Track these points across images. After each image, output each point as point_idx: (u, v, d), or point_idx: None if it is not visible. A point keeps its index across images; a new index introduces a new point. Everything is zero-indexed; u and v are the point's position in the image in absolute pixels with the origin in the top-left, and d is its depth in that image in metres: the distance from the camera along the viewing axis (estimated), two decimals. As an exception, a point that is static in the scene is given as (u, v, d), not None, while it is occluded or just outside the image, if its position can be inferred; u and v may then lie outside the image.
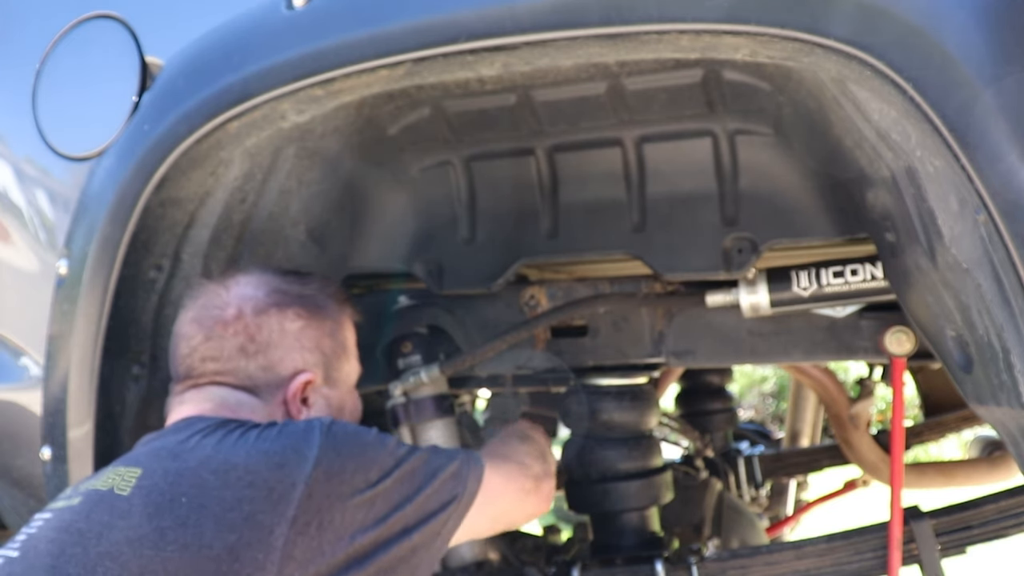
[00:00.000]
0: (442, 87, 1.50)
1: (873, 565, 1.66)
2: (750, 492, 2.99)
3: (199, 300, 1.39)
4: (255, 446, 1.17)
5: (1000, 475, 2.66)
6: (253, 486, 1.12)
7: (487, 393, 3.25)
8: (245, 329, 1.34)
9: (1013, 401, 1.03)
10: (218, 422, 1.23)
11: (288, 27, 1.31)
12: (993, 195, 0.92)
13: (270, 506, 1.11)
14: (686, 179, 1.63)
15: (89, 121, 1.51)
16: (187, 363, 1.35)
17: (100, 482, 1.19)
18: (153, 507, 1.11)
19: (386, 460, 1.22)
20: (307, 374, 1.37)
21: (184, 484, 1.13)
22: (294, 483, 1.13)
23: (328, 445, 1.18)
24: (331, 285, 1.48)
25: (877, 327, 1.66)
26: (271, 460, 1.15)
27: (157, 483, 1.14)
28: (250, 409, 1.33)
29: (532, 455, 1.55)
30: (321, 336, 1.40)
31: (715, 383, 3.13)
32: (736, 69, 1.41)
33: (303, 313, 1.39)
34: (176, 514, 1.10)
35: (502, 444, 1.60)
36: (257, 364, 1.34)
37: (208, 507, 1.10)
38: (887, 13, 0.99)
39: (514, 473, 1.47)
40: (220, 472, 1.13)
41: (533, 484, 1.49)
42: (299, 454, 1.15)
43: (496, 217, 1.76)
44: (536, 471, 1.52)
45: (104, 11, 1.51)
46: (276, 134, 1.46)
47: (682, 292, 1.74)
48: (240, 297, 1.37)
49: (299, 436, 1.18)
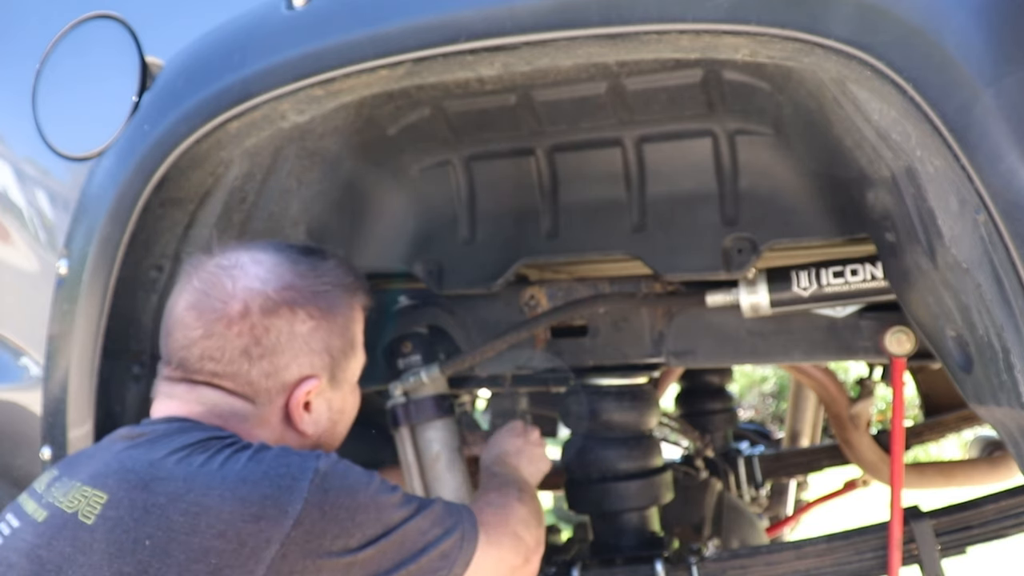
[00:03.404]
0: (442, 87, 1.50)
1: (873, 565, 1.66)
2: (750, 492, 2.99)
3: (198, 283, 1.26)
4: (234, 488, 1.07)
5: (1000, 475, 2.66)
6: (223, 537, 1.03)
7: (487, 393, 3.26)
8: (251, 330, 1.22)
9: (1013, 401, 1.03)
10: (201, 440, 1.14)
11: (288, 27, 1.31)
12: (993, 195, 0.92)
13: (240, 561, 1.03)
14: (686, 179, 1.63)
15: (89, 121, 1.50)
16: (182, 355, 1.24)
17: (67, 500, 1.12)
18: (115, 547, 1.04)
19: (373, 527, 1.13)
20: (313, 381, 1.27)
21: (150, 524, 1.05)
22: (269, 540, 1.04)
23: (315, 502, 1.08)
24: (347, 273, 1.35)
25: (877, 327, 1.66)
26: (248, 510, 1.05)
27: (123, 517, 1.06)
28: (242, 418, 1.24)
29: (529, 524, 1.46)
30: (331, 337, 1.30)
31: (715, 383, 3.14)
32: (736, 69, 1.41)
33: (315, 313, 1.27)
34: (138, 559, 1.03)
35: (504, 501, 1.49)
36: (260, 370, 1.23)
37: (172, 555, 1.03)
38: (887, 13, 0.99)
39: (507, 549, 1.38)
40: (190, 515, 1.05)
41: (523, 561, 1.41)
42: (280, 508, 1.06)
43: (496, 217, 1.76)
44: (528, 544, 1.43)
45: (104, 11, 1.51)
46: (276, 134, 1.46)
47: (682, 292, 1.74)
48: (247, 291, 1.23)
49: (285, 483, 1.08)
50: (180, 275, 1.31)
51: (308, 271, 1.30)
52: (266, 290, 1.25)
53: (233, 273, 1.25)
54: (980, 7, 0.94)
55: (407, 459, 1.75)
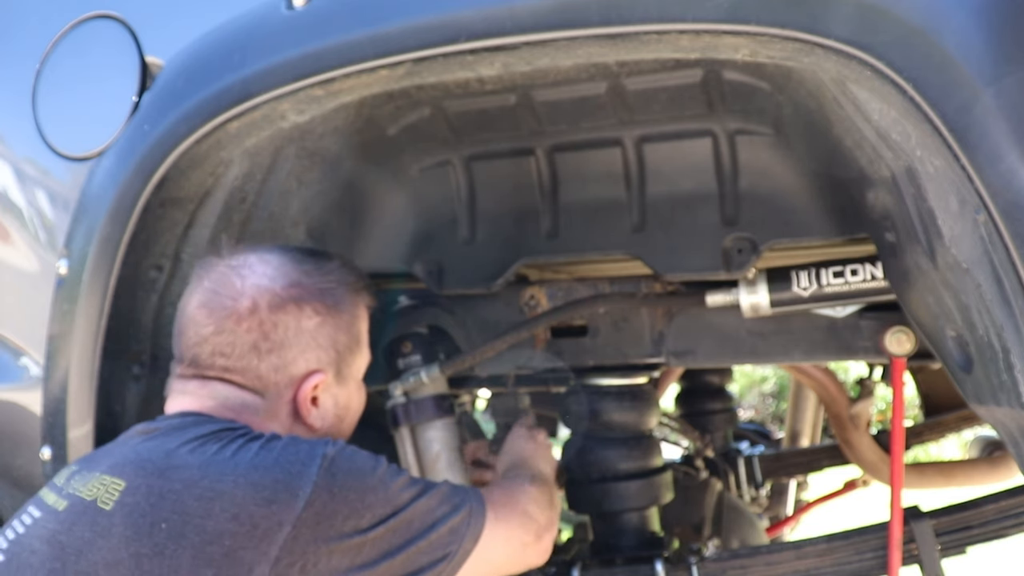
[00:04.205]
0: (442, 87, 1.50)
1: (873, 565, 1.66)
2: (750, 492, 2.99)
3: (208, 283, 1.31)
4: (246, 474, 1.11)
5: (1000, 475, 2.66)
6: (237, 520, 1.07)
7: (487, 393, 3.26)
8: (260, 326, 1.27)
9: (1013, 401, 1.03)
10: (214, 431, 1.18)
11: (288, 27, 1.31)
12: (993, 195, 0.92)
13: (253, 543, 1.07)
14: (686, 179, 1.63)
15: (89, 121, 1.50)
16: (194, 352, 1.29)
17: (86, 489, 1.16)
18: (132, 530, 1.08)
19: (382, 507, 1.17)
20: (319, 375, 1.32)
21: (166, 508, 1.09)
22: (281, 523, 1.08)
23: (324, 485, 1.12)
24: (351, 272, 1.40)
25: (877, 327, 1.66)
26: (260, 494, 1.09)
27: (139, 502, 1.10)
28: (253, 411, 1.28)
29: (540, 503, 1.48)
30: (337, 333, 1.34)
31: (715, 383, 3.14)
32: (736, 69, 1.41)
33: (321, 309, 1.32)
34: (155, 541, 1.07)
35: (513, 484, 1.53)
36: (269, 364, 1.28)
37: (188, 537, 1.06)
38: (887, 13, 0.99)
39: (516, 526, 1.40)
40: (204, 499, 1.09)
41: (534, 539, 1.43)
42: (291, 491, 1.10)
43: (496, 217, 1.76)
44: (540, 523, 1.45)
45: (104, 11, 1.51)
46: (276, 134, 1.46)
47: (682, 292, 1.74)
48: (256, 288, 1.29)
49: (295, 468, 1.12)
50: (191, 277, 1.36)
51: (313, 270, 1.35)
52: (274, 287, 1.30)
53: (242, 272, 1.31)
54: (980, 7, 0.94)
55: (407, 459, 1.75)
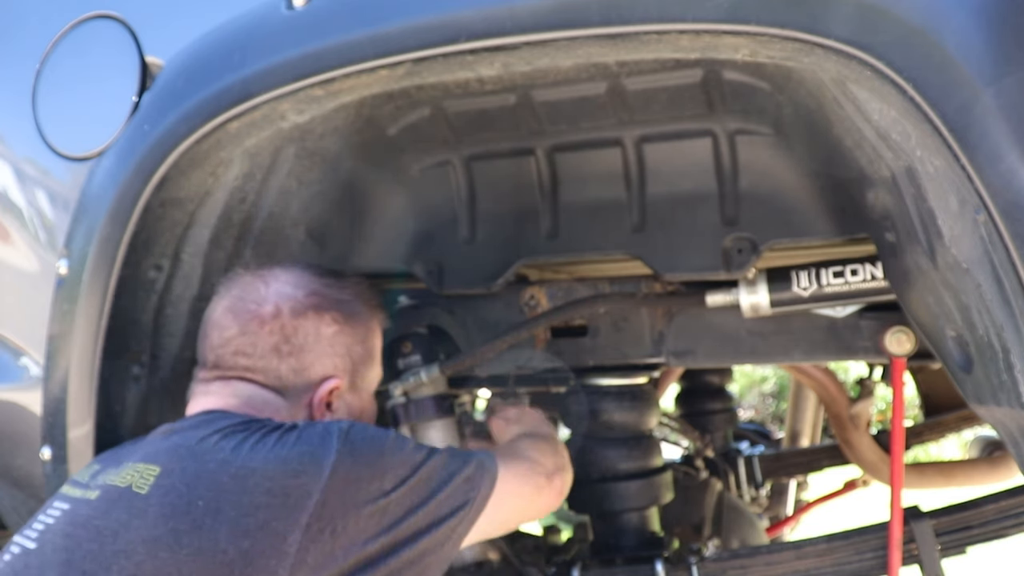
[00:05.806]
0: (442, 87, 1.50)
1: (873, 565, 1.66)
2: (750, 492, 2.99)
3: (235, 290, 1.40)
4: (273, 452, 1.17)
5: (1000, 475, 2.66)
6: (270, 493, 1.13)
7: (487, 393, 3.25)
8: (281, 329, 1.36)
9: (1013, 401, 1.03)
10: (239, 423, 1.24)
11: (288, 27, 1.31)
12: (993, 195, 0.92)
13: (285, 513, 1.12)
14: (686, 179, 1.63)
15: (89, 121, 1.50)
16: (217, 353, 1.37)
17: (119, 478, 1.20)
18: (169, 508, 1.13)
19: (402, 468, 1.23)
20: (335, 380, 1.39)
21: (201, 487, 1.14)
22: (309, 491, 1.14)
23: (345, 452, 1.18)
24: (366, 289, 1.49)
25: (877, 327, 1.66)
26: (288, 467, 1.15)
27: (175, 483, 1.16)
28: (274, 409, 1.34)
29: (544, 451, 1.54)
30: (353, 343, 1.42)
31: (715, 383, 3.14)
32: (736, 69, 1.41)
33: (339, 318, 1.41)
34: (192, 517, 1.11)
35: (512, 441, 1.61)
36: (288, 366, 1.36)
37: (224, 511, 1.11)
38: (887, 13, 0.99)
39: (526, 472, 1.46)
40: (238, 477, 1.14)
41: (545, 480, 1.49)
42: (316, 462, 1.16)
43: (496, 217, 1.76)
44: (548, 466, 1.51)
45: (104, 11, 1.51)
46: (276, 134, 1.46)
47: (682, 292, 1.74)
48: (279, 295, 1.38)
49: (317, 442, 1.19)
50: (218, 288, 1.44)
51: (334, 283, 1.45)
52: (296, 294, 1.39)
53: (267, 280, 1.40)
54: (980, 7, 0.94)
55: (407, 459, 1.75)
